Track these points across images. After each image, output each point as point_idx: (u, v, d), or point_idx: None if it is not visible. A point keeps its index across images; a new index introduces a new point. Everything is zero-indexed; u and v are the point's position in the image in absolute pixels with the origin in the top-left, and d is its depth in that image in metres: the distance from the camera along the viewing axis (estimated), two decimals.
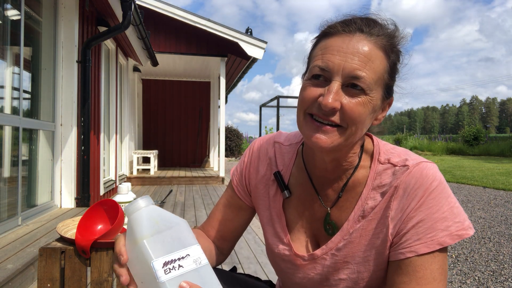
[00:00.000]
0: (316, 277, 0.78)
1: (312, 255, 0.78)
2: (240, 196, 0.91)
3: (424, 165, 0.70)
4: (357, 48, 0.65)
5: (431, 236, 0.65)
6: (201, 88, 10.77)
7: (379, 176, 0.73)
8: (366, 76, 0.64)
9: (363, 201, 0.73)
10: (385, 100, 0.71)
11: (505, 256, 3.13)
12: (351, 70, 0.64)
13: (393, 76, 0.71)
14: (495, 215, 4.76)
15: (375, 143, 0.77)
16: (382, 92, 0.69)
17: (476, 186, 7.50)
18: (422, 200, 0.67)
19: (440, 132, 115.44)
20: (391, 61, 0.69)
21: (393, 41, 0.69)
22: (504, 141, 18.76)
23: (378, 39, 0.67)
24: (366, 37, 0.67)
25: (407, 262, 0.66)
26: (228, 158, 17.93)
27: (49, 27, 3.70)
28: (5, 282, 1.84)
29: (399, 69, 0.73)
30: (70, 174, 3.80)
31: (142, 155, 7.96)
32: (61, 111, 3.77)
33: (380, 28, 0.68)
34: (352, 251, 0.74)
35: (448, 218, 0.66)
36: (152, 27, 7.23)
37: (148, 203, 0.60)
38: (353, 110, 0.65)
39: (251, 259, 2.71)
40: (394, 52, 0.70)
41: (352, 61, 0.65)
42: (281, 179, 0.83)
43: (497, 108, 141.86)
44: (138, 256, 0.56)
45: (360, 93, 0.65)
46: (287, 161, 0.85)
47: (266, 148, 0.89)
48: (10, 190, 2.98)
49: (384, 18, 0.70)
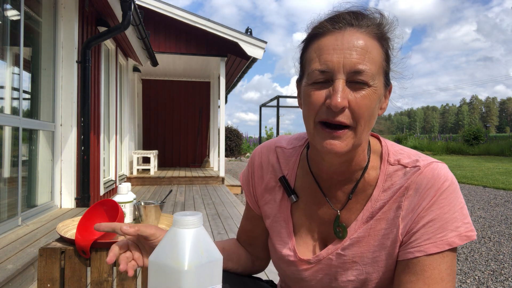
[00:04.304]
0: (324, 278, 0.77)
1: (317, 256, 0.77)
2: (253, 207, 0.92)
3: (435, 165, 0.70)
4: (352, 43, 0.64)
5: (441, 236, 0.65)
6: (201, 88, 10.76)
7: (390, 178, 0.72)
8: (368, 69, 0.64)
9: (373, 202, 0.73)
10: (386, 87, 0.71)
11: (505, 256, 3.13)
12: (352, 65, 0.63)
13: (388, 62, 0.71)
14: (495, 214, 4.76)
15: (383, 144, 0.76)
16: (383, 80, 0.69)
17: (476, 186, 7.50)
18: (434, 200, 0.67)
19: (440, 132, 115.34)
20: (385, 49, 0.69)
21: (383, 29, 0.69)
22: (504, 141, 18.77)
23: (369, 29, 0.67)
24: (357, 30, 0.66)
25: (416, 261, 0.66)
26: (228, 158, 17.93)
27: (49, 27, 3.70)
28: (5, 282, 1.84)
29: (391, 55, 0.72)
30: (70, 174, 3.80)
31: (142, 155, 7.96)
32: (61, 111, 3.77)
33: (368, 19, 0.68)
34: (360, 251, 0.73)
35: (458, 219, 0.66)
36: (152, 27, 7.23)
37: (200, 223, 0.58)
38: (360, 105, 0.64)
39: None
40: (385, 39, 0.69)
41: (350, 57, 0.64)
42: (287, 184, 0.82)
43: (497, 107, 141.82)
44: (168, 274, 0.55)
45: (364, 86, 0.64)
46: (291, 165, 0.84)
47: (267, 156, 0.88)
48: (10, 191, 2.98)
49: (368, 8, 0.70)
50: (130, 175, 7.59)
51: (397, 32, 0.71)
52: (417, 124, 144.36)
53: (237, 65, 8.87)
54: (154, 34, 7.29)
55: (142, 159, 9.21)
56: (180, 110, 10.69)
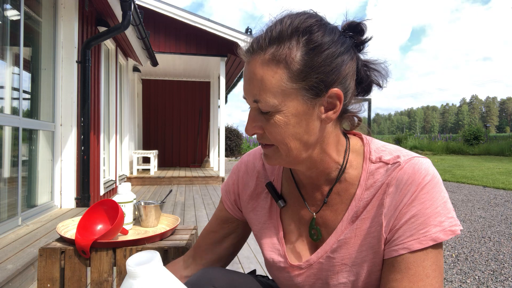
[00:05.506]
0: (317, 283, 0.77)
1: (308, 261, 0.77)
2: (228, 209, 0.92)
3: (416, 160, 0.69)
4: (250, 74, 0.66)
5: (424, 232, 0.64)
6: (201, 88, 10.77)
7: (372, 175, 0.72)
8: (262, 98, 0.65)
9: (357, 201, 0.72)
10: (315, 99, 0.65)
11: (505, 256, 3.12)
12: (252, 96, 0.66)
13: (305, 75, 0.64)
14: (495, 214, 4.76)
15: (365, 142, 0.76)
16: (301, 96, 0.64)
17: (476, 186, 7.50)
18: (415, 195, 0.65)
19: (440, 132, 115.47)
20: (290, 65, 0.63)
21: (281, 43, 0.64)
22: (504, 141, 18.77)
23: (263, 55, 0.64)
24: (254, 58, 0.66)
25: (400, 259, 0.65)
26: (228, 158, 17.93)
27: (49, 27, 3.70)
28: (5, 282, 1.84)
29: (311, 65, 0.64)
30: (70, 174, 3.80)
31: (142, 155, 7.96)
32: (61, 111, 3.77)
33: (264, 39, 0.65)
34: (348, 253, 0.72)
35: (441, 213, 0.64)
36: (152, 27, 7.23)
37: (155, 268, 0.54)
38: (270, 131, 0.67)
39: (251, 259, 2.71)
40: (283, 55, 0.63)
41: (250, 88, 0.66)
42: (274, 189, 0.83)
43: (497, 107, 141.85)
44: None
45: (271, 114, 0.66)
46: (276, 171, 0.85)
47: (253, 163, 0.89)
48: (10, 191, 2.98)
49: (271, 21, 0.68)
50: (130, 175, 7.59)
51: (318, 35, 0.64)
52: (417, 124, 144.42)
53: (237, 65, 8.87)
54: (154, 34, 7.30)
55: (142, 159, 9.21)
56: (180, 110, 10.69)
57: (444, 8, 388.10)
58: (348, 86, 0.69)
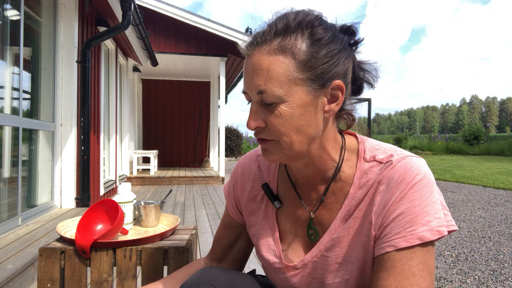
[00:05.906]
0: (313, 283, 0.77)
1: (303, 261, 0.77)
2: (231, 214, 0.94)
3: (409, 159, 0.69)
4: (254, 66, 0.66)
5: (410, 230, 0.63)
6: (201, 88, 10.77)
7: (366, 174, 0.72)
8: (268, 88, 0.65)
9: (350, 200, 0.72)
10: (320, 90, 0.66)
11: (505, 256, 3.13)
12: (256, 88, 0.66)
13: (311, 65, 0.65)
14: (495, 214, 4.76)
15: (360, 141, 0.76)
16: (306, 86, 0.65)
17: (476, 186, 7.50)
18: (404, 193, 0.65)
19: (440, 132, 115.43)
20: (297, 55, 0.65)
21: (286, 35, 0.65)
22: (504, 141, 18.77)
23: (269, 45, 0.66)
24: (259, 50, 0.66)
25: (386, 257, 0.65)
26: (228, 158, 17.93)
27: (49, 27, 3.70)
28: (5, 282, 1.84)
29: (317, 56, 0.65)
30: (70, 174, 3.80)
31: (142, 155, 7.96)
32: (61, 111, 3.77)
33: (269, 32, 0.66)
34: (342, 251, 0.72)
35: (430, 213, 0.64)
36: (152, 27, 7.23)
37: None
38: (273, 124, 0.67)
39: (251, 259, 2.71)
40: (290, 46, 0.65)
41: (253, 80, 0.66)
42: (270, 190, 0.83)
43: (497, 107, 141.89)
44: None
45: (275, 106, 0.66)
46: (272, 172, 0.86)
47: (249, 165, 0.90)
48: (10, 191, 2.98)
49: (273, 18, 0.69)
50: (130, 175, 7.60)
51: (320, 28, 0.67)
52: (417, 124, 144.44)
53: (237, 65, 8.87)
54: (154, 34, 7.30)
55: (142, 159, 9.21)
56: (180, 110, 10.69)
57: (444, 8, 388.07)
58: (347, 81, 0.71)
